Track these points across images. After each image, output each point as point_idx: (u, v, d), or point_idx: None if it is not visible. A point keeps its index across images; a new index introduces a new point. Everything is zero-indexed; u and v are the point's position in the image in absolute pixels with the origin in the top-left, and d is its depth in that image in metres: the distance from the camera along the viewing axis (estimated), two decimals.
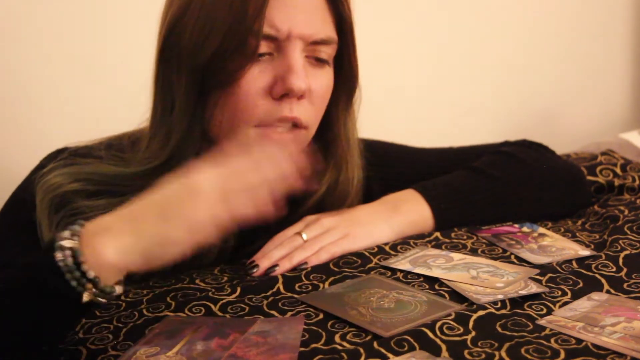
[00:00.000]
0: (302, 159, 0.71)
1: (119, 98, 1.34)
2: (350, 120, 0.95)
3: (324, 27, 0.85)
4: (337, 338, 0.66)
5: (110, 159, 0.87)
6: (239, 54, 0.80)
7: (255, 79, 0.82)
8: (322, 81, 0.87)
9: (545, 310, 0.71)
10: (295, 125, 0.85)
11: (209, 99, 0.84)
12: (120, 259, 0.66)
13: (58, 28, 1.32)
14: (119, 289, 0.67)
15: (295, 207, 0.91)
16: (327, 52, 0.87)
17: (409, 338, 0.64)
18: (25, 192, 0.84)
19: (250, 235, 0.91)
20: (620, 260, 0.83)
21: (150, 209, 0.67)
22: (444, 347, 0.63)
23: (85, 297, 0.65)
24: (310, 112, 0.86)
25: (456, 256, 0.85)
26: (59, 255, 0.64)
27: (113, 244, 0.65)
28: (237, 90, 0.82)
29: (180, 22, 0.84)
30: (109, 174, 0.82)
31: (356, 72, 0.93)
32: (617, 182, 1.12)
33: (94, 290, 0.65)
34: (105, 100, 1.36)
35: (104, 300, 0.66)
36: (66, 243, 0.65)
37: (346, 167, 0.94)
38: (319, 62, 0.86)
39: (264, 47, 0.82)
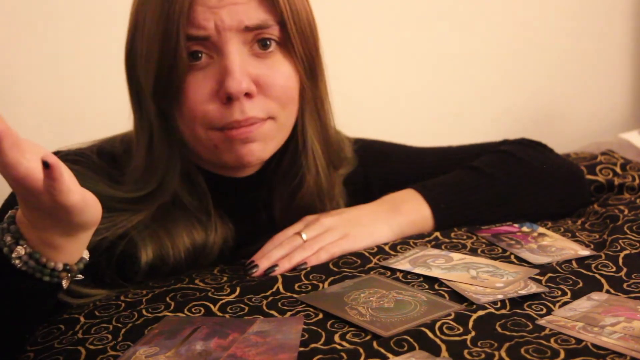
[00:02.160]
0: None
1: (117, 99, 1.34)
2: (308, 113, 0.90)
3: (257, 13, 0.82)
4: (336, 338, 0.66)
5: (104, 174, 0.87)
6: (177, 65, 0.80)
7: (199, 86, 0.81)
8: (274, 72, 0.84)
9: (545, 310, 0.71)
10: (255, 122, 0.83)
11: (173, 114, 0.84)
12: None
13: (54, 28, 1.32)
14: (86, 254, 0.70)
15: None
16: (270, 38, 0.83)
17: (408, 338, 0.64)
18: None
19: (249, 236, 0.91)
20: (620, 260, 0.83)
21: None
22: (443, 347, 0.63)
23: (65, 283, 0.69)
24: (269, 106, 0.84)
25: (456, 256, 0.85)
26: (18, 263, 0.65)
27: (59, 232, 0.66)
28: (186, 101, 0.82)
29: (132, 52, 0.86)
30: (102, 193, 0.83)
31: (310, 62, 0.88)
32: (617, 181, 1.12)
33: (69, 274, 0.68)
34: (104, 101, 1.35)
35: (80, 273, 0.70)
36: (19, 251, 0.65)
37: (305, 157, 0.91)
38: (265, 48, 0.83)
39: (199, 51, 0.81)
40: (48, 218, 0.63)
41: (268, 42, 0.83)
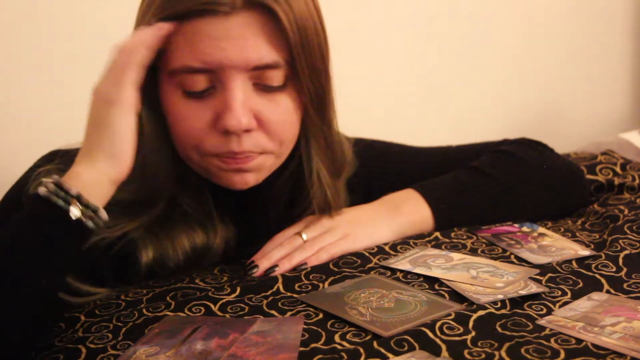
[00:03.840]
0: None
1: None
2: (314, 141, 0.88)
3: (267, 52, 0.77)
4: (337, 338, 0.66)
5: None
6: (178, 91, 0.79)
7: (197, 114, 0.79)
8: (276, 109, 0.80)
9: (545, 310, 0.71)
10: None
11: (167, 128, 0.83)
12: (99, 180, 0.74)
13: (59, 27, 1.32)
14: (103, 213, 0.73)
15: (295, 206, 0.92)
16: (277, 77, 0.79)
17: (408, 338, 0.64)
18: (20, 192, 0.84)
19: (250, 236, 0.91)
20: (620, 260, 0.83)
21: (93, 140, 0.76)
22: (443, 347, 0.63)
23: (73, 212, 0.70)
24: (266, 141, 0.81)
25: (456, 256, 0.85)
26: (42, 190, 0.70)
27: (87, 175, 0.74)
28: (181, 126, 0.80)
29: None
30: None
31: (319, 94, 0.84)
32: (617, 181, 1.12)
33: (79, 205, 0.71)
34: None
35: (92, 224, 0.72)
36: (48, 183, 0.71)
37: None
38: (269, 90, 0.80)
39: (202, 82, 0.78)
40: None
41: (273, 86, 0.80)
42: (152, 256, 0.83)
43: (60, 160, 0.85)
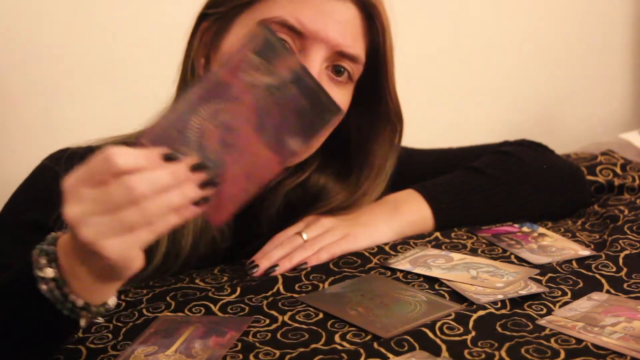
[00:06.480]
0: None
1: (127, 98, 1.34)
2: (391, 155, 0.94)
3: (354, 43, 0.83)
4: (337, 338, 0.66)
5: None
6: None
7: None
8: (335, 97, 0.84)
9: (545, 310, 0.71)
10: None
11: None
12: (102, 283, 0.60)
13: (66, 27, 1.32)
14: (112, 301, 0.63)
15: (296, 216, 0.92)
16: (350, 68, 0.85)
17: (409, 338, 0.64)
18: (37, 191, 0.84)
19: (247, 236, 0.91)
20: (620, 260, 0.83)
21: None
22: (444, 347, 0.63)
23: (83, 322, 0.62)
24: None
25: (456, 256, 0.85)
26: (44, 287, 0.59)
27: (88, 271, 0.59)
28: None
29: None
30: None
31: (397, 106, 0.93)
32: (617, 181, 1.12)
33: (89, 315, 0.61)
34: (112, 100, 1.36)
35: (101, 316, 0.63)
36: (48, 273, 0.59)
37: (362, 194, 0.93)
38: (338, 75, 0.84)
39: (287, 42, 0.80)
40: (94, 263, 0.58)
41: (342, 70, 0.84)
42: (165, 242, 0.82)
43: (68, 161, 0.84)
